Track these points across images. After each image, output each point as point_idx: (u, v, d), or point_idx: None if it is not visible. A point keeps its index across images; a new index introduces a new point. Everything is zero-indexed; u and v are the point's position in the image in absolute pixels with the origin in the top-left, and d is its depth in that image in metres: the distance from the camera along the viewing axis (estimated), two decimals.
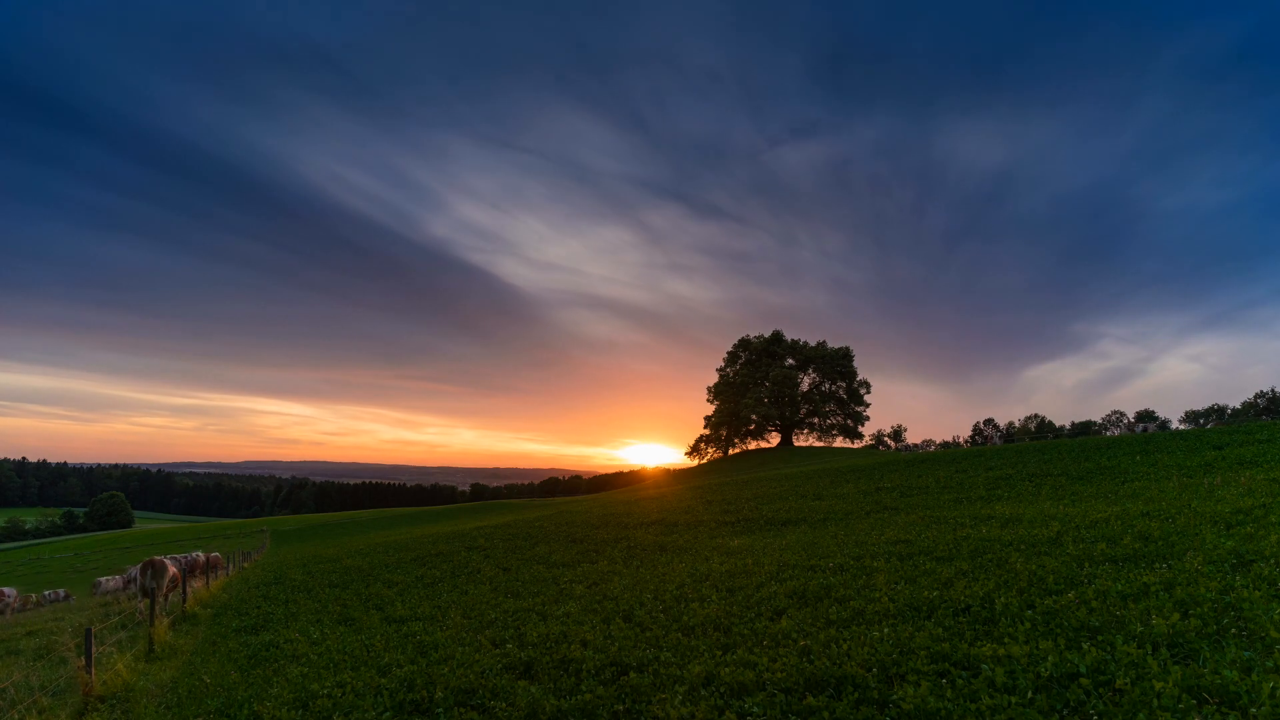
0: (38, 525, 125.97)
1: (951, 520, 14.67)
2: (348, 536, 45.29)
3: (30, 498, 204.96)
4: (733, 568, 12.40)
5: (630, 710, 6.11)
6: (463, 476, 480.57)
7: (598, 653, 7.91)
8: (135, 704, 8.85)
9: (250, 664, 10.30)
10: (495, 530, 28.04)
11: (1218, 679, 4.70)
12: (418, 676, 7.93)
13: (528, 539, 22.55)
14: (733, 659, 6.96)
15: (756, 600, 9.54)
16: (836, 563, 11.41)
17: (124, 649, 12.31)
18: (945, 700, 5.16)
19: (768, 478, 37.56)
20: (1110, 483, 18.09)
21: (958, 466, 27.87)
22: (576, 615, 10.33)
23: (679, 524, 21.40)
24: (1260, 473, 15.49)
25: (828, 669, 6.18)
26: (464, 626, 10.74)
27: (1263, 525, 9.48)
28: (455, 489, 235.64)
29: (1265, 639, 5.37)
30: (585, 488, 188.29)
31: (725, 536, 18.02)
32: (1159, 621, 6.04)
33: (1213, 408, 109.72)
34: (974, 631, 6.76)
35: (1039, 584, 8.05)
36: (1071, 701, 4.83)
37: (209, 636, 13.17)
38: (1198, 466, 18.71)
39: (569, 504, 55.93)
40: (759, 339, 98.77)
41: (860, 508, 19.96)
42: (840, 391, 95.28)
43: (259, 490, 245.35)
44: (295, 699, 7.79)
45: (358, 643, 10.56)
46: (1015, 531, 11.85)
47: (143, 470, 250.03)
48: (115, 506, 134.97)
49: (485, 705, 6.81)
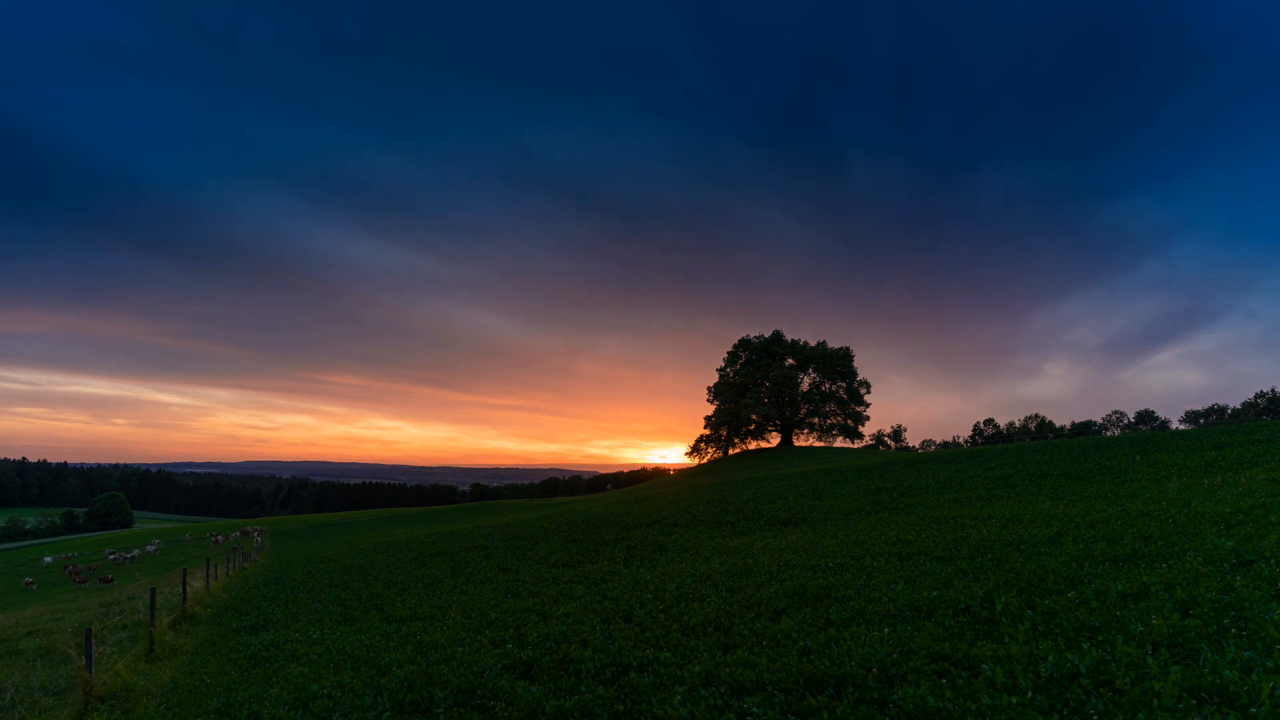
0: (38, 525, 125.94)
1: (951, 520, 14.66)
2: (348, 536, 45.28)
3: (30, 498, 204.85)
4: (733, 568, 12.40)
5: (630, 710, 6.11)
6: (463, 476, 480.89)
7: (598, 653, 7.91)
8: (135, 704, 8.85)
9: (250, 664, 10.29)
10: (495, 530, 28.04)
11: (1218, 679, 4.70)
12: (418, 676, 7.93)
13: (528, 539, 22.55)
14: (733, 659, 6.96)
15: (756, 600, 9.54)
16: (836, 563, 11.41)
17: (124, 649, 12.32)
18: (945, 700, 5.16)
19: (768, 478, 37.55)
20: (1110, 483, 18.09)
21: (958, 466, 27.87)
22: (576, 615, 10.33)
23: (679, 524, 21.40)
24: (1260, 473, 15.49)
25: (828, 669, 6.17)
26: (464, 626, 10.74)
27: (1263, 525, 9.48)
28: (455, 489, 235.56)
29: (1265, 639, 5.37)
30: (585, 487, 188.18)
31: (725, 536, 18.01)
32: (1159, 621, 6.03)
33: (1213, 408, 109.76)
34: (974, 631, 6.76)
35: (1039, 584, 8.05)
36: (1071, 701, 4.83)
37: (209, 636, 13.17)
38: (1198, 466, 18.70)
39: (569, 504, 55.95)
40: (759, 339, 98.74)
41: (860, 508, 19.96)
42: (840, 392, 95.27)
43: (259, 490, 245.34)
44: (295, 699, 7.79)
45: (358, 643, 10.56)
46: (1015, 531, 11.85)
47: (143, 470, 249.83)
48: (115, 506, 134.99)
49: (485, 705, 6.81)
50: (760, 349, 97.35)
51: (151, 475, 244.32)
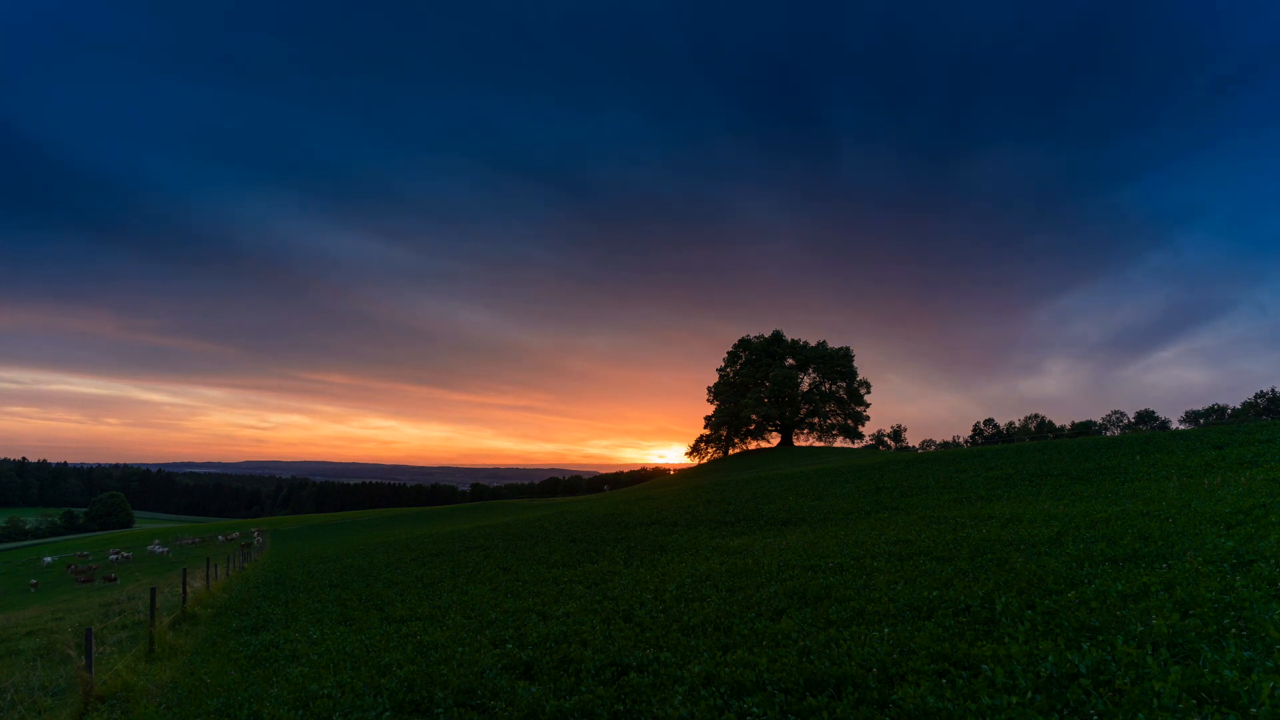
0: (38, 525, 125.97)
1: (951, 520, 14.67)
2: (348, 536, 45.28)
3: (30, 498, 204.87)
4: (733, 568, 12.41)
5: (630, 710, 6.11)
6: (463, 476, 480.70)
7: (598, 653, 7.91)
8: (135, 704, 8.85)
9: (250, 664, 10.29)
10: (495, 530, 28.05)
11: (1218, 679, 4.70)
12: (418, 676, 7.93)
13: (528, 539, 22.55)
14: (733, 659, 6.96)
15: (756, 600, 9.54)
16: (836, 563, 11.41)
17: (124, 649, 12.32)
18: (945, 700, 5.16)
19: (768, 478, 37.55)
20: (1110, 483, 18.09)
21: (958, 466, 27.88)
22: (577, 615, 10.33)
23: (679, 524, 21.40)
24: (1260, 473, 15.49)
25: (828, 669, 6.18)
26: (464, 626, 10.74)
27: (1263, 525, 9.48)
28: (455, 489, 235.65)
29: (1265, 639, 5.37)
30: (585, 487, 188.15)
31: (725, 536, 18.02)
32: (1159, 621, 6.04)
33: (1213, 407, 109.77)
34: (974, 631, 6.76)
35: (1039, 584, 8.05)
36: (1071, 701, 4.83)
37: (209, 636, 13.17)
38: (1198, 466, 18.71)
39: (569, 504, 55.96)
40: (759, 339, 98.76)
41: (860, 508, 19.96)
42: (840, 392, 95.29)
43: (259, 490, 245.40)
44: (295, 699, 7.79)
45: (358, 643, 10.56)
46: (1015, 531, 11.86)
47: (143, 470, 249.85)
48: (115, 506, 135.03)
49: (485, 705, 6.80)
50: (760, 349, 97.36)
51: (151, 475, 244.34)
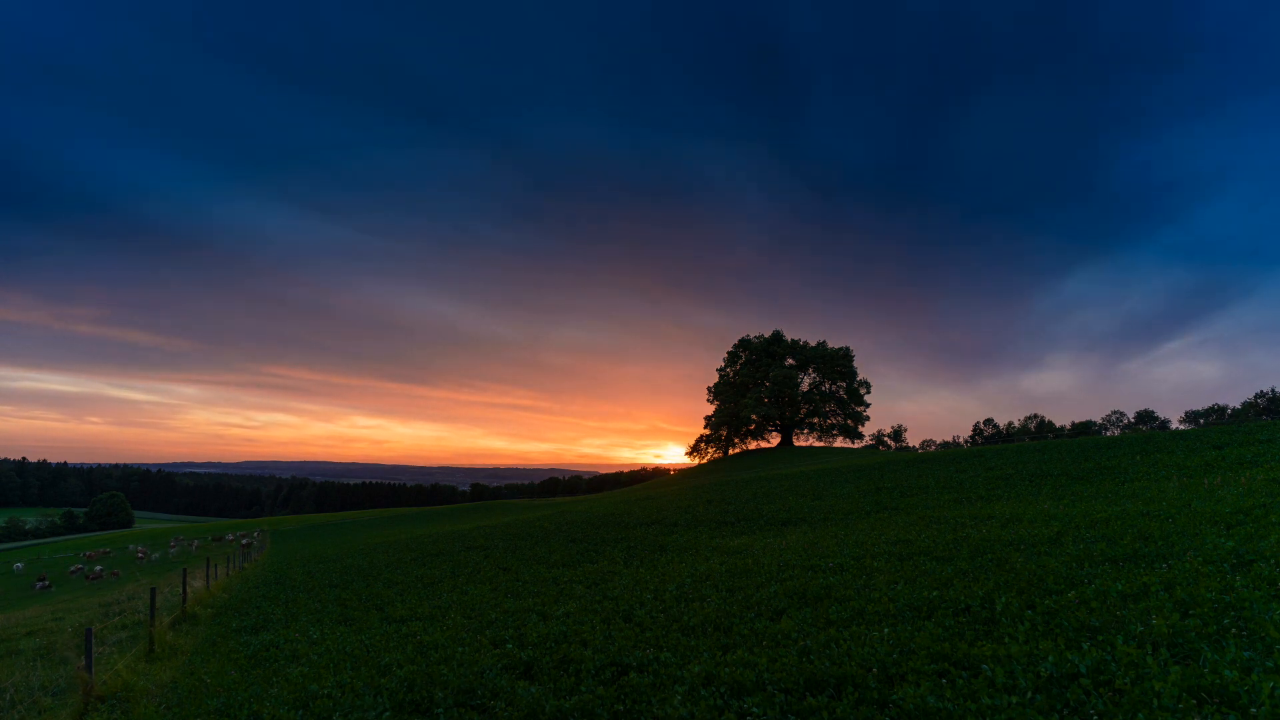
0: (38, 525, 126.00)
1: (951, 520, 14.67)
2: (348, 536, 45.28)
3: (30, 498, 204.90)
4: (733, 568, 12.41)
5: (630, 710, 6.11)
6: (463, 476, 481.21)
7: (598, 653, 7.91)
8: (135, 704, 8.85)
9: (250, 664, 10.29)
10: (495, 530, 28.05)
11: (1218, 679, 4.70)
12: (418, 676, 7.93)
13: (528, 539, 22.55)
14: (733, 659, 6.95)
15: (756, 600, 9.54)
16: (836, 563, 11.41)
17: (124, 649, 12.32)
18: (945, 700, 5.16)
19: (768, 478, 37.56)
20: (1110, 483, 18.09)
21: (958, 466, 27.88)
22: (576, 615, 10.33)
23: (679, 524, 21.40)
24: (1260, 473, 15.49)
25: (828, 669, 6.17)
26: (464, 626, 10.74)
27: (1263, 525, 9.48)
28: (455, 489, 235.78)
29: (1265, 639, 5.37)
30: (585, 487, 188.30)
31: (725, 536, 18.02)
32: (1159, 621, 6.04)
33: (1213, 407, 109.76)
34: (974, 631, 6.76)
35: (1039, 584, 8.05)
36: (1071, 701, 4.83)
37: (209, 636, 13.17)
38: (1198, 466, 18.71)
39: (569, 504, 55.96)
40: (759, 339, 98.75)
41: (860, 508, 19.96)
42: (840, 392, 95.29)
43: (259, 490, 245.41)
44: (295, 699, 7.78)
45: (358, 643, 10.56)
46: (1015, 531, 11.85)
47: (143, 470, 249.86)
48: (115, 506, 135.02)
49: (485, 705, 6.80)
50: (760, 349, 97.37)
51: (151, 475, 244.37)
